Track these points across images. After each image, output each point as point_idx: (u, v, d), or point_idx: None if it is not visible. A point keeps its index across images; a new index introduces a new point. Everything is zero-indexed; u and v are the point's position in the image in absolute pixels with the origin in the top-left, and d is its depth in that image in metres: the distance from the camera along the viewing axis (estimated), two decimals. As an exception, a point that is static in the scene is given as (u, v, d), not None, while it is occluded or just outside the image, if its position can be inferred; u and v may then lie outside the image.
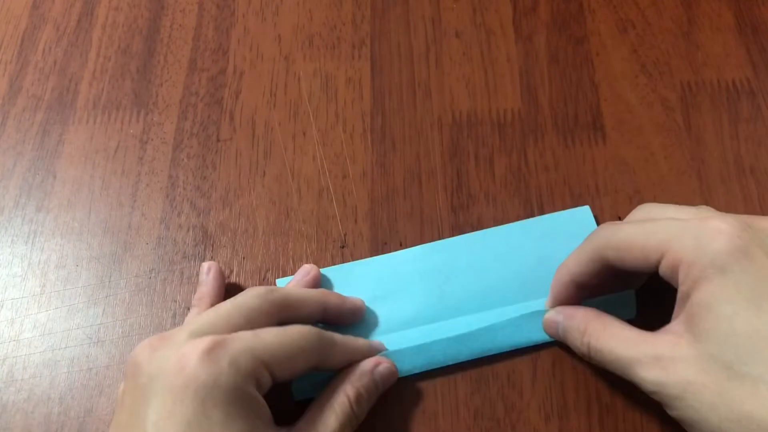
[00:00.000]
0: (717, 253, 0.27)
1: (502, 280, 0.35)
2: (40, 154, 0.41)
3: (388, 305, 0.35)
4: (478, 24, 0.44)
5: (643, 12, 0.44)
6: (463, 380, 0.34)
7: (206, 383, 0.26)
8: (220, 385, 0.26)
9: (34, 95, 0.43)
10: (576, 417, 0.33)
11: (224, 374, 0.26)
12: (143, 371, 0.27)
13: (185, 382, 0.26)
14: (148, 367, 0.27)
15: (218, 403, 0.26)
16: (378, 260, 0.37)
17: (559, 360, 0.34)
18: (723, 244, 0.27)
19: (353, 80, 0.42)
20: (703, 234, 0.28)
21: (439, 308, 0.35)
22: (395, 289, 0.36)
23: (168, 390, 0.26)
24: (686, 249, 0.28)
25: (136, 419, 0.26)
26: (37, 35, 0.45)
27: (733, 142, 0.40)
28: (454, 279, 0.36)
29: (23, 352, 0.35)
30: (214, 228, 0.38)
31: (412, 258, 0.36)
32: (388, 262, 0.36)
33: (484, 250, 0.36)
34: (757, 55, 0.42)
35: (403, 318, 0.35)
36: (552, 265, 0.34)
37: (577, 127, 0.40)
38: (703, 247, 0.27)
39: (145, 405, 0.26)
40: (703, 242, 0.28)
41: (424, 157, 0.40)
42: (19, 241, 0.38)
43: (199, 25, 0.45)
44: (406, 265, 0.36)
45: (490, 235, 0.37)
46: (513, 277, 0.35)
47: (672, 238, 0.28)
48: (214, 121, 0.41)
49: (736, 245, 0.27)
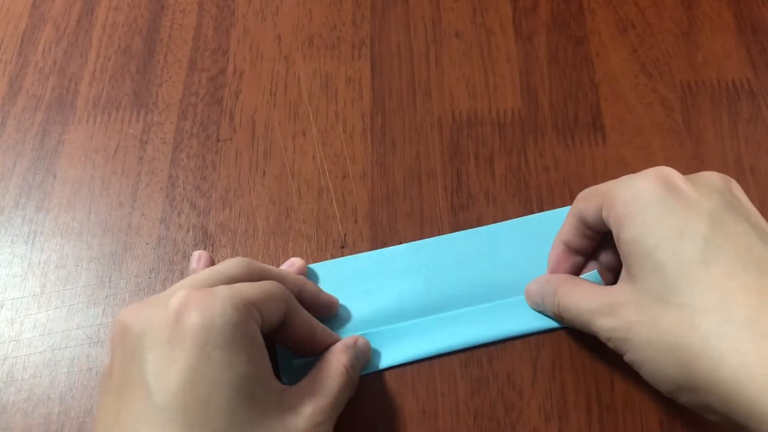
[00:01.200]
0: (640, 189, 0.28)
1: (488, 277, 0.36)
2: (40, 154, 0.41)
3: (375, 301, 0.35)
4: (478, 24, 0.44)
5: (643, 12, 0.44)
6: (463, 380, 0.34)
7: (203, 326, 0.25)
8: (217, 325, 0.26)
9: (34, 95, 0.43)
10: (576, 417, 0.33)
11: (219, 314, 0.26)
12: (131, 331, 0.26)
13: (180, 330, 0.25)
14: (136, 327, 0.26)
15: (219, 345, 0.25)
16: (366, 257, 0.37)
17: (558, 360, 0.34)
18: (646, 182, 0.28)
19: (353, 80, 0.42)
20: (634, 179, 0.29)
21: (426, 304, 0.35)
22: (382, 286, 0.36)
23: (164, 341, 0.25)
24: (618, 191, 0.29)
25: (132, 376, 0.25)
26: (37, 35, 0.45)
27: (733, 142, 0.40)
28: (442, 276, 0.36)
29: (23, 352, 0.35)
30: (214, 228, 0.38)
31: (399, 255, 0.37)
32: (376, 258, 0.37)
33: (471, 248, 0.37)
34: (757, 55, 0.42)
35: (390, 313, 0.35)
36: (539, 264, 0.35)
37: (577, 127, 0.40)
38: (630, 186, 0.28)
39: (140, 361, 0.25)
40: (632, 182, 0.29)
41: (424, 157, 0.40)
42: (19, 241, 0.38)
43: (199, 25, 0.45)
44: (394, 262, 0.37)
45: (478, 233, 0.37)
46: (500, 275, 0.36)
47: (612, 185, 0.29)
48: (214, 121, 0.41)
49: (661, 181, 0.28)
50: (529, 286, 0.35)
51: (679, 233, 0.27)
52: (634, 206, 0.28)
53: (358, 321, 0.35)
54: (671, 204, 0.27)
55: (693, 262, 0.26)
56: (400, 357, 0.34)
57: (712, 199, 0.28)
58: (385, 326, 0.35)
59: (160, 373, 0.25)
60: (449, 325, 0.35)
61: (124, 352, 0.26)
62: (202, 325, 0.25)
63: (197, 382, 0.25)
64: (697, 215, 0.27)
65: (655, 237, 0.27)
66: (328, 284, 0.36)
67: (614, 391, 0.33)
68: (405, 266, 0.36)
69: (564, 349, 0.34)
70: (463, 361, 0.34)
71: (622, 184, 0.29)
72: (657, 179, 0.28)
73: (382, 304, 0.35)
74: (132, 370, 0.26)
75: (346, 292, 0.36)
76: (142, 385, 0.25)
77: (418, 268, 0.36)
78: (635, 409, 0.33)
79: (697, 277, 0.26)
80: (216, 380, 0.25)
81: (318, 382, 0.30)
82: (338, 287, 0.36)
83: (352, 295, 0.36)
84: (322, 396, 0.29)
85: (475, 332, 0.34)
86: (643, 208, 0.28)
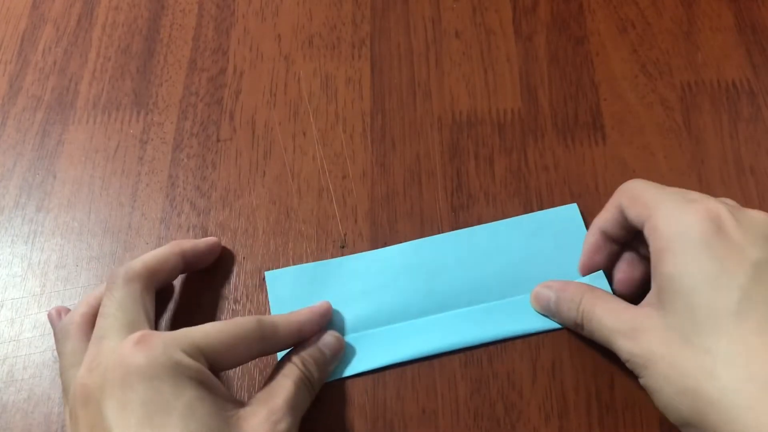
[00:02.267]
0: (686, 226, 0.28)
1: (489, 276, 0.36)
2: (40, 154, 0.41)
3: (376, 300, 0.35)
4: (478, 24, 0.44)
5: (642, 12, 0.44)
6: (463, 380, 0.34)
7: (146, 364, 0.27)
8: (160, 363, 0.27)
9: (34, 95, 0.43)
10: (576, 417, 0.33)
11: (160, 354, 0.27)
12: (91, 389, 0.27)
13: (127, 371, 0.27)
14: (92, 383, 0.27)
15: (164, 378, 0.27)
16: (366, 256, 0.37)
17: (558, 360, 0.34)
18: (694, 218, 0.28)
19: (353, 80, 0.42)
20: (683, 208, 0.28)
21: (427, 303, 0.35)
22: (383, 285, 0.36)
23: (117, 387, 0.27)
24: (663, 219, 0.28)
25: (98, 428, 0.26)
26: (37, 35, 0.45)
27: (733, 142, 0.40)
28: (442, 275, 0.36)
29: (23, 352, 0.35)
30: (214, 228, 0.38)
31: (399, 254, 0.37)
32: (376, 257, 0.37)
33: (471, 247, 0.37)
34: (757, 55, 0.42)
35: (390, 312, 0.35)
36: (539, 262, 0.35)
37: (577, 127, 0.40)
38: (677, 218, 0.28)
39: (102, 413, 0.26)
40: (679, 214, 0.28)
41: (424, 157, 0.40)
42: (19, 241, 0.38)
43: (199, 25, 0.45)
44: (394, 261, 0.36)
45: (478, 232, 0.37)
46: (500, 274, 0.36)
47: (660, 205, 0.29)
48: (214, 121, 0.41)
49: (709, 221, 0.27)
50: (539, 291, 0.34)
51: (718, 281, 0.26)
52: (677, 243, 0.27)
53: (358, 320, 0.35)
54: (715, 248, 0.27)
55: (726, 312, 0.26)
56: (399, 356, 0.34)
57: (758, 246, 0.27)
58: (385, 326, 0.35)
59: (120, 416, 0.26)
60: (450, 325, 0.35)
61: (87, 411, 0.27)
62: (146, 365, 0.27)
63: (152, 413, 0.26)
64: (739, 263, 0.27)
65: (693, 280, 0.27)
66: (329, 283, 0.36)
67: (614, 391, 0.33)
68: (405, 265, 0.36)
69: (564, 348, 0.34)
70: (463, 361, 0.34)
71: (669, 212, 0.29)
72: (705, 218, 0.27)
73: (382, 303, 0.35)
74: (96, 422, 0.27)
75: (346, 291, 0.36)
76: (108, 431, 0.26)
77: (419, 267, 0.36)
78: (635, 408, 0.33)
79: (727, 327, 0.26)
80: (168, 409, 0.26)
81: (271, 384, 0.31)
82: (338, 287, 0.36)
83: (352, 295, 0.36)
84: (275, 396, 0.30)
85: (475, 332, 0.34)
86: (686, 248, 0.27)
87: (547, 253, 0.36)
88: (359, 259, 0.37)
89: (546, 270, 0.36)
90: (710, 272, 0.27)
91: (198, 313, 0.36)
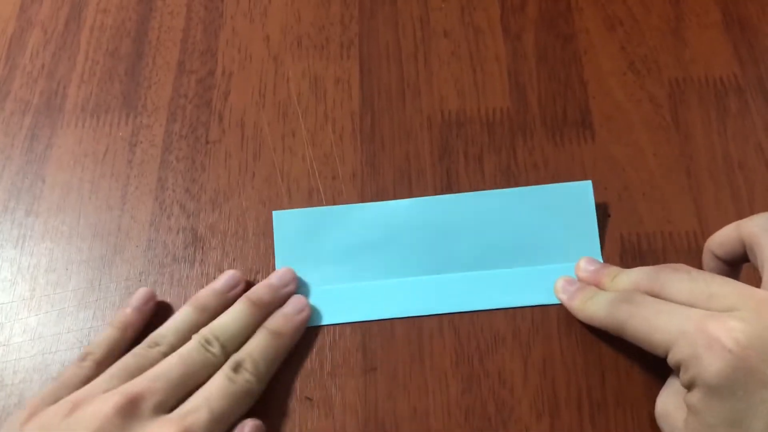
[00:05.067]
0: (707, 367, 0.26)
1: (496, 242, 0.36)
2: (29, 158, 0.41)
3: (379, 252, 0.36)
4: (467, 23, 0.44)
5: (630, 9, 0.44)
6: (454, 379, 0.34)
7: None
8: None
9: (22, 99, 0.43)
10: (567, 414, 0.33)
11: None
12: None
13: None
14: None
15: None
16: (375, 206, 0.37)
17: (549, 358, 0.34)
18: (715, 363, 0.26)
19: (342, 80, 0.42)
20: (701, 342, 0.27)
21: (428, 262, 0.36)
22: (388, 237, 0.36)
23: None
24: (684, 353, 0.27)
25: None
26: (24, 39, 0.45)
27: (721, 138, 0.40)
28: (448, 235, 0.36)
29: (13, 357, 0.35)
30: (204, 230, 0.38)
31: (408, 208, 0.37)
32: (386, 209, 0.37)
33: (481, 211, 0.37)
34: (745, 51, 0.42)
35: (391, 267, 0.35)
36: (546, 235, 0.36)
37: (566, 125, 0.40)
38: (698, 358, 0.27)
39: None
40: (699, 352, 0.27)
41: (414, 157, 0.40)
42: (8, 245, 0.38)
43: (187, 27, 0.45)
44: (401, 216, 0.37)
45: (490, 196, 0.37)
46: (507, 241, 0.36)
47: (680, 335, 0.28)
48: (203, 123, 0.41)
49: (731, 367, 0.26)
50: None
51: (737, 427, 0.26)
52: (700, 390, 0.27)
53: (358, 270, 0.35)
54: (739, 395, 0.26)
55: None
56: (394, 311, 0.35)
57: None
58: (383, 279, 0.35)
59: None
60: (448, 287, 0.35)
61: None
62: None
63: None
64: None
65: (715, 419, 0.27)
66: (333, 229, 0.36)
67: (605, 388, 0.33)
68: (412, 221, 0.36)
69: (555, 346, 0.34)
70: (453, 360, 0.34)
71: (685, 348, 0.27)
72: (726, 360, 0.26)
73: (387, 256, 0.36)
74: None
75: (350, 239, 0.36)
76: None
77: (425, 225, 0.36)
78: (626, 405, 0.33)
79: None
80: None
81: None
82: (343, 234, 0.36)
83: (356, 244, 0.36)
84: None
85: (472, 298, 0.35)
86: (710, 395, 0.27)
87: (556, 226, 0.36)
88: (368, 209, 0.37)
89: (549, 244, 0.36)
90: (730, 419, 0.26)
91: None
